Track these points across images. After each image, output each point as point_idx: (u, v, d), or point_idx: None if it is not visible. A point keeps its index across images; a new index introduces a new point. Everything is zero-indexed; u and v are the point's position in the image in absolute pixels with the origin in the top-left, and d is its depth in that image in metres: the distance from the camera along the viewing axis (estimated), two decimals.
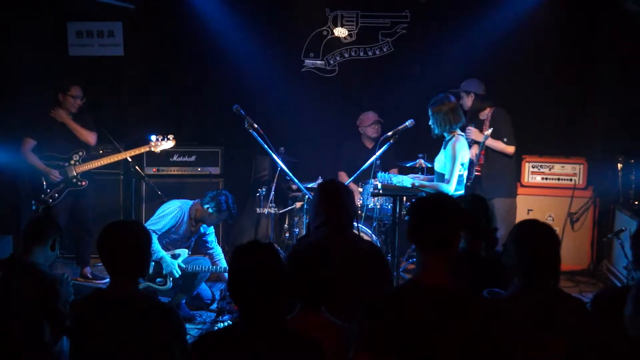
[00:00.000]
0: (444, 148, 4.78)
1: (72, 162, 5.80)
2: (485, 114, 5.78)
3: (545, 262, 2.59)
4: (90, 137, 5.91)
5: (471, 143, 5.52)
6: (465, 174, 4.78)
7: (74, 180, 5.80)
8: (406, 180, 4.78)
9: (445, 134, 4.78)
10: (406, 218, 3.19)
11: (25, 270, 3.18)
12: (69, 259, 6.22)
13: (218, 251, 5.55)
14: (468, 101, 5.77)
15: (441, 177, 4.72)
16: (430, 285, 2.17)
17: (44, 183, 5.71)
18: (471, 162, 5.42)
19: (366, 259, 3.18)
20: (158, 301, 2.75)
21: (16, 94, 6.52)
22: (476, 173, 5.60)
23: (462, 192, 4.74)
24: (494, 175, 5.67)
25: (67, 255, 6.23)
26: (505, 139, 5.65)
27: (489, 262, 3.28)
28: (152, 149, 5.79)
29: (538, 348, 2.43)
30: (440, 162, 4.80)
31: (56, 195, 5.74)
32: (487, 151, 5.66)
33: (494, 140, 5.60)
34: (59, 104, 5.81)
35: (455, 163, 4.62)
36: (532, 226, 2.68)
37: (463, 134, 4.82)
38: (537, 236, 2.61)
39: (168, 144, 5.81)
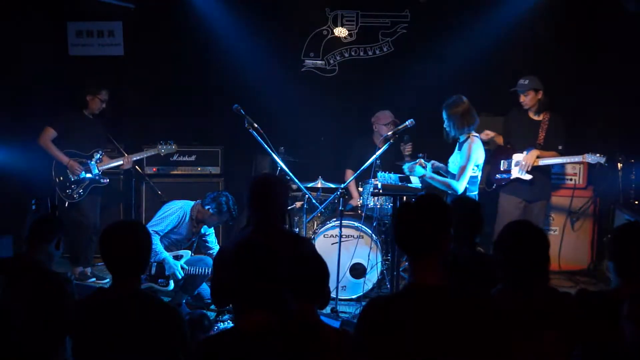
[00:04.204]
0: (459, 149, 4.78)
1: (94, 159, 5.93)
2: (542, 118, 5.69)
3: (533, 262, 2.58)
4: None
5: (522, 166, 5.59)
6: (479, 175, 4.78)
7: (97, 177, 5.92)
8: (418, 170, 4.78)
9: (461, 136, 4.78)
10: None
11: (30, 269, 3.18)
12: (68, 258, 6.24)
13: (214, 243, 5.57)
14: (533, 99, 5.62)
15: (455, 178, 4.74)
16: (426, 287, 2.17)
17: (71, 178, 5.81)
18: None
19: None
20: (160, 300, 2.75)
21: (16, 94, 6.52)
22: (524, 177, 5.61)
23: (476, 192, 4.76)
24: (539, 179, 5.65)
25: (66, 254, 6.25)
26: (560, 147, 5.62)
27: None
28: (159, 152, 6.13)
29: (532, 343, 2.43)
30: (454, 163, 4.80)
31: (81, 191, 5.86)
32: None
33: (549, 157, 5.58)
34: (86, 104, 5.91)
35: (468, 163, 4.62)
36: (521, 227, 2.70)
37: (478, 135, 4.79)
38: (526, 237, 2.61)
39: (172, 148, 6.15)
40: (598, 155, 5.44)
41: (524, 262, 2.57)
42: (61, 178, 5.81)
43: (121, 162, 6.00)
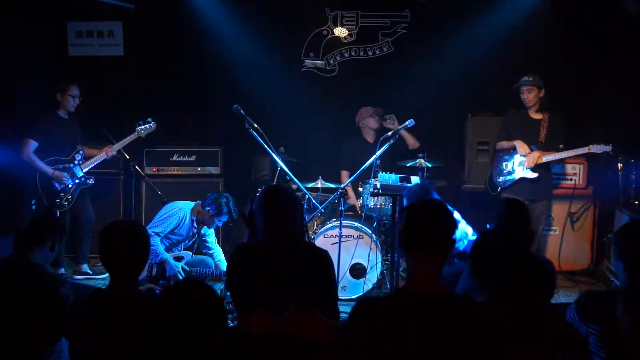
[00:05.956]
0: None
1: (76, 162, 5.87)
2: (541, 117, 5.71)
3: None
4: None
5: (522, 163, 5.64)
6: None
7: (83, 179, 5.88)
8: None
9: None
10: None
11: (25, 271, 3.18)
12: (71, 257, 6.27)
13: (218, 251, 5.56)
14: (536, 97, 5.64)
15: None
16: (421, 294, 2.14)
17: (57, 187, 5.78)
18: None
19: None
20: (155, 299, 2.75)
21: (16, 94, 6.51)
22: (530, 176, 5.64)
23: None
24: (542, 178, 5.67)
25: (69, 254, 6.29)
26: (561, 145, 5.64)
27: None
28: (139, 135, 5.97)
29: (515, 352, 2.43)
30: None
31: (70, 197, 5.83)
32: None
33: (552, 154, 5.62)
34: (58, 104, 5.86)
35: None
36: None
37: None
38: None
39: (151, 127, 5.99)
40: (603, 144, 5.47)
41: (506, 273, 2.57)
42: (48, 189, 5.77)
43: (104, 156, 5.91)
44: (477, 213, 6.21)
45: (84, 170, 5.90)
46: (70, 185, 5.82)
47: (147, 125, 5.99)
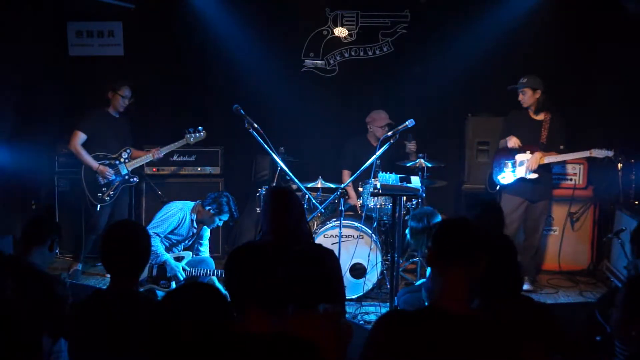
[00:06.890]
0: None
1: (122, 159, 5.93)
2: (543, 118, 5.72)
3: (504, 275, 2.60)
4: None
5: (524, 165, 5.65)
6: None
7: (127, 177, 5.93)
8: None
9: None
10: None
11: (24, 271, 3.17)
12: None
13: (206, 253, 5.58)
14: (531, 98, 5.65)
15: None
16: (451, 313, 2.13)
17: (100, 182, 5.82)
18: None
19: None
20: (157, 301, 2.75)
21: (15, 94, 6.52)
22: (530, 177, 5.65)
23: None
24: (543, 178, 5.68)
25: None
26: (562, 146, 5.65)
27: None
28: (187, 142, 6.02)
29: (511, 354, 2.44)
30: None
31: (112, 193, 5.87)
32: None
33: (554, 155, 5.63)
34: (109, 102, 5.93)
35: None
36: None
37: None
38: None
39: (200, 135, 6.04)
40: (605, 149, 5.48)
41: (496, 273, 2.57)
42: (91, 183, 5.81)
43: (149, 157, 6.00)
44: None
45: (129, 169, 5.94)
46: (113, 181, 5.86)
47: (196, 134, 6.03)
